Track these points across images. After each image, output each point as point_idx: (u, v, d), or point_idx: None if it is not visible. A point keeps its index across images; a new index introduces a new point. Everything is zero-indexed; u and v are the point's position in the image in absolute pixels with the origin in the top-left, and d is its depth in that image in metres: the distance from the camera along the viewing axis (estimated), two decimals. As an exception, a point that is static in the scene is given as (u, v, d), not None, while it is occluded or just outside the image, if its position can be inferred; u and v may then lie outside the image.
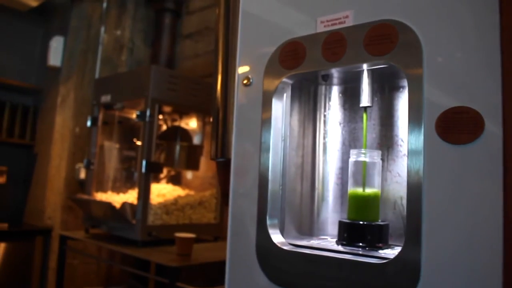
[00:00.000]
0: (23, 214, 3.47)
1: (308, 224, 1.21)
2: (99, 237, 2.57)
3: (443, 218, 0.83)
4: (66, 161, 3.10)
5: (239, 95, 1.17)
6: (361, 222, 1.04)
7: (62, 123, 3.16)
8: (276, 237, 1.06)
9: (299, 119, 1.20)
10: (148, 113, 2.32)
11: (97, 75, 3.10)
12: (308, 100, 1.23)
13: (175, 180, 2.79)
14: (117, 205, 2.35)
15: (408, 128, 0.89)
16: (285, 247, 1.03)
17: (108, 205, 2.37)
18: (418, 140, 0.87)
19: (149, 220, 2.34)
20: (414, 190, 0.87)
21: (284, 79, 1.08)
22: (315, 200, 1.22)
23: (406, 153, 1.11)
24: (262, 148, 1.09)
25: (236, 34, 1.21)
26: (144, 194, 2.32)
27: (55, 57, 3.23)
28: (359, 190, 1.08)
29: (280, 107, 1.11)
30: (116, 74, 2.84)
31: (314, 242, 1.10)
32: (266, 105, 1.09)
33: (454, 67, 0.85)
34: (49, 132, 3.19)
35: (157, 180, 2.70)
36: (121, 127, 2.77)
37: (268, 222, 1.06)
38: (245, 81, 1.14)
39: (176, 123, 2.68)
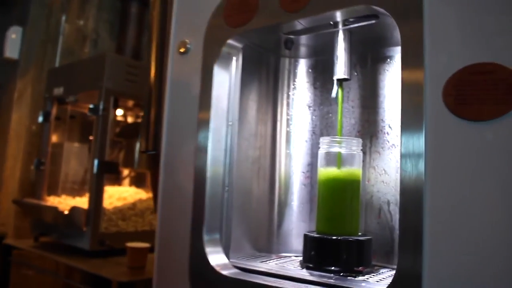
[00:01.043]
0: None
1: (266, 237, 0.89)
2: (48, 246, 2.22)
3: (454, 229, 0.52)
4: (21, 161, 2.74)
5: (173, 67, 0.84)
6: (334, 237, 0.73)
7: (18, 120, 2.80)
8: (216, 258, 0.73)
9: (255, 99, 0.88)
10: (101, 106, 1.98)
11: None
12: (267, 76, 0.91)
13: (139, 182, 2.45)
14: (65, 209, 2.01)
15: (402, 101, 0.57)
16: (226, 272, 0.71)
17: (55, 210, 2.02)
18: (417, 117, 0.56)
19: (102, 227, 2.00)
20: (411, 191, 0.55)
21: (230, 41, 0.76)
22: (275, 205, 0.90)
23: (395, 144, 0.80)
24: (200, 136, 0.77)
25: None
26: (96, 198, 1.98)
27: (12, 48, 2.87)
28: (331, 193, 0.76)
29: (225, 81, 0.79)
30: (69, 63, 2.50)
31: (271, 264, 0.78)
32: (206, 78, 0.77)
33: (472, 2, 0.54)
34: (4, 130, 2.83)
35: (119, 182, 2.36)
36: (78, 123, 2.42)
37: (205, 237, 0.74)
38: (181, 49, 0.82)
39: (137, 119, 2.35)
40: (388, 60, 0.84)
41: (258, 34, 0.76)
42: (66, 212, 1.98)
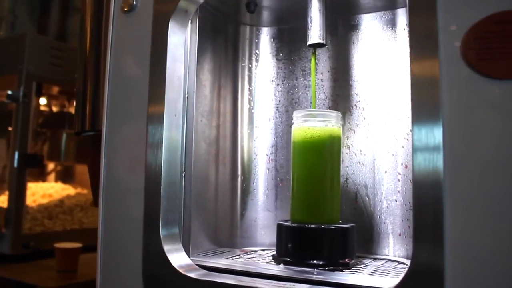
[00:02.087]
0: None
1: (227, 230, 0.76)
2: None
3: (480, 220, 0.43)
4: None
5: (115, 28, 0.69)
6: (315, 226, 0.62)
7: None
8: (177, 257, 0.60)
9: (212, 71, 0.74)
10: (22, 92, 1.74)
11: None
12: (225, 46, 0.78)
13: (66, 177, 2.22)
14: (-19, 209, 1.76)
15: (410, 56, 0.47)
16: (193, 274, 0.57)
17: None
18: (431, 77, 0.46)
19: (25, 227, 1.77)
20: (426, 176, 0.45)
21: (188, -5, 0.62)
22: (237, 193, 0.78)
23: (372, 120, 0.71)
24: (151, 110, 0.62)
25: None
26: (18, 195, 1.74)
27: None
28: (309, 173, 0.65)
29: (181, 44, 0.65)
30: (-17, 45, 2.21)
31: (240, 261, 0.66)
32: (159, 39, 0.63)
33: None
34: None
35: (43, 177, 2.11)
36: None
37: (162, 232, 0.60)
38: (125, 7, 0.67)
39: (65, 109, 2.11)
40: (360, 27, 0.75)
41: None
42: (-19, 212, 1.73)
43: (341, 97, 0.75)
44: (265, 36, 0.81)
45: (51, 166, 2.13)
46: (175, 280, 0.56)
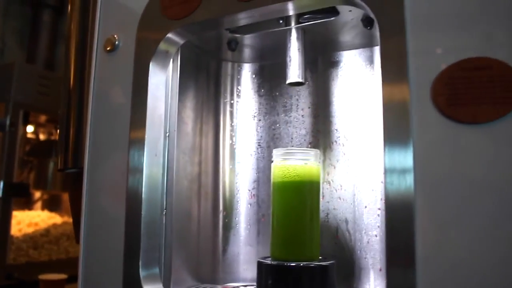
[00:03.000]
0: None
1: (209, 265, 0.76)
2: None
3: (449, 246, 0.43)
4: None
5: (98, 68, 0.70)
6: (293, 264, 0.62)
7: None
8: (155, 297, 0.60)
9: (194, 108, 0.75)
10: (8, 121, 1.74)
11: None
12: (207, 82, 0.79)
13: (53, 205, 2.20)
14: (-36, 240, 1.73)
15: (383, 100, 0.48)
16: (169, 316, 0.57)
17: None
18: (402, 121, 0.47)
19: (9, 258, 1.74)
20: (399, 211, 0.46)
21: (170, 35, 0.63)
22: (219, 228, 0.78)
23: (352, 156, 0.72)
24: (132, 149, 0.63)
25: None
26: (2, 224, 1.72)
27: None
28: (289, 211, 0.66)
29: (161, 83, 0.66)
30: (-30, 74, 2.21)
31: (220, 299, 0.66)
32: (140, 80, 0.64)
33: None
34: None
35: (29, 206, 2.09)
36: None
37: (141, 273, 0.60)
38: (108, 46, 0.68)
39: (52, 137, 2.11)
40: (340, 64, 0.76)
41: (204, 29, 0.64)
42: (-36, 243, 1.70)
43: (321, 133, 0.76)
44: (247, 72, 0.83)
45: (37, 194, 2.12)
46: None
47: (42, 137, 2.11)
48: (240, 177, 0.80)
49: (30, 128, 1.98)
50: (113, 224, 0.62)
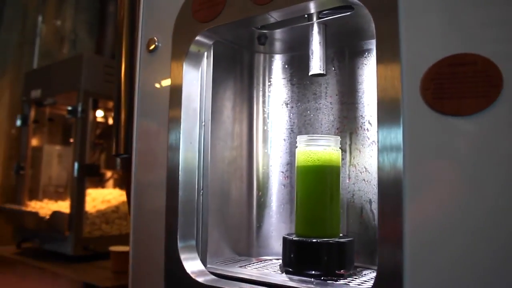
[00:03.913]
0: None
1: (245, 241, 0.85)
2: (31, 252, 2.16)
3: (434, 227, 0.49)
4: (1, 166, 2.67)
5: (142, 66, 0.80)
6: (313, 240, 0.69)
7: (-4, 123, 2.74)
8: (191, 265, 0.70)
9: (230, 97, 0.84)
10: (80, 108, 1.92)
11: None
12: (241, 73, 0.87)
13: (124, 183, 2.40)
14: (46, 214, 1.95)
15: (378, 96, 0.54)
16: (201, 279, 0.67)
17: (36, 216, 1.96)
18: (394, 113, 0.52)
19: (85, 231, 1.95)
20: (390, 193, 0.52)
21: (199, 38, 0.72)
22: (253, 207, 0.86)
23: (375, 140, 0.77)
24: (171, 138, 0.73)
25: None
26: (78, 201, 1.92)
27: (-13, 51, 2.81)
28: (311, 192, 0.73)
29: (195, 80, 0.75)
30: (47, 65, 2.43)
31: (250, 269, 0.75)
32: (176, 77, 0.73)
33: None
34: (-17, 134, 2.76)
35: (102, 184, 2.30)
36: (58, 125, 2.36)
37: (179, 243, 0.70)
38: (150, 46, 0.78)
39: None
40: (366, 53, 0.81)
41: (229, 30, 0.72)
42: (47, 217, 1.93)
43: (348, 119, 0.82)
44: (278, 63, 0.89)
45: (108, 174, 2.32)
46: (187, 284, 0.66)
47: (110, 121, 2.30)
48: (273, 160, 0.88)
49: (99, 113, 2.17)
50: (156, 202, 0.73)
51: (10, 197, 2.64)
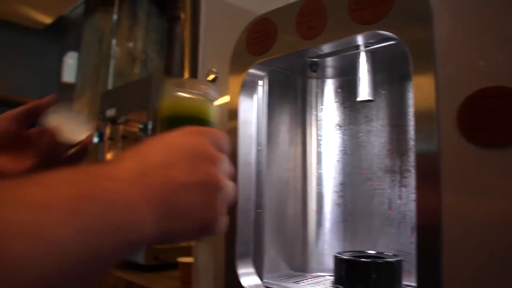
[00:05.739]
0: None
1: (300, 257, 0.91)
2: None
3: (470, 254, 0.52)
4: (80, 180, 2.91)
5: (204, 95, 0.89)
6: (362, 259, 0.74)
7: (77, 140, 2.98)
8: (248, 279, 0.77)
9: (285, 121, 0.91)
10: (150, 126, 2.08)
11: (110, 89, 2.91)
12: (295, 98, 0.94)
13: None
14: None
15: (415, 124, 0.58)
16: (256, 294, 0.74)
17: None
18: (431, 143, 0.56)
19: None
20: (429, 214, 0.56)
21: (252, 70, 0.80)
22: (308, 225, 0.92)
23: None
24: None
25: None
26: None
27: (68, 73, 3.08)
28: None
29: (251, 108, 0.82)
30: (120, 86, 2.63)
31: (303, 285, 0.81)
32: (233, 105, 0.81)
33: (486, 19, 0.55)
34: (65, 150, 3.02)
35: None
36: (130, 141, 2.54)
37: (237, 259, 0.77)
38: (210, 77, 0.87)
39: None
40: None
41: (277, 63, 0.79)
42: (121, 229, 2.09)
43: (398, 141, 0.86)
44: (331, 87, 0.95)
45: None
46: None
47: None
48: (327, 181, 0.93)
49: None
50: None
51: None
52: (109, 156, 2.50)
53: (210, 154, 0.44)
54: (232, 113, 0.80)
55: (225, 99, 0.82)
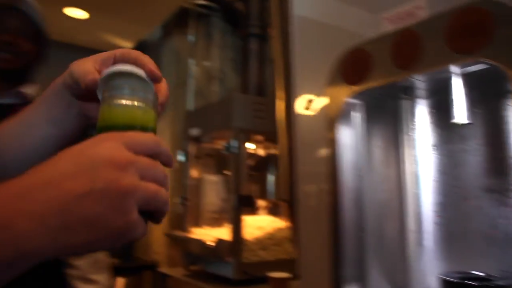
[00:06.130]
0: (134, 249, 3.52)
1: (402, 277, 0.94)
2: (198, 274, 2.46)
3: None
4: (167, 196, 3.08)
5: (299, 123, 0.95)
6: (467, 281, 0.76)
7: (162, 158, 3.16)
8: (355, 302, 0.81)
9: (378, 144, 0.94)
10: (234, 144, 2.17)
11: (190, 108, 3.06)
12: (388, 120, 0.97)
13: (274, 210, 2.60)
14: (211, 241, 2.22)
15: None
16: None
17: (201, 243, 2.24)
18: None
19: (244, 257, 2.17)
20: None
21: (349, 99, 0.84)
22: (408, 245, 0.95)
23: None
24: (329, 188, 0.85)
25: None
26: (237, 230, 2.16)
27: (154, 95, 3.27)
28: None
29: (348, 134, 0.87)
30: (203, 106, 2.75)
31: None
32: (330, 134, 0.86)
33: None
34: (150, 168, 3.20)
35: (254, 211, 2.53)
36: (213, 159, 2.66)
37: (343, 281, 0.82)
38: (304, 106, 0.92)
39: (269, 151, 2.51)
40: (509, 95, 0.85)
41: (371, 93, 0.83)
42: (212, 245, 2.19)
43: (495, 159, 0.86)
44: (424, 107, 0.97)
45: (261, 203, 2.54)
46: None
47: (260, 154, 2.53)
48: (425, 200, 0.95)
49: (250, 147, 2.40)
50: (322, 244, 0.86)
51: (175, 224, 3.03)
52: (194, 173, 2.63)
53: (116, 160, 0.43)
54: (330, 141, 0.85)
55: (322, 126, 0.87)
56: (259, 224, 2.38)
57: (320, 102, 0.88)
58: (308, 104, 0.90)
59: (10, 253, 0.39)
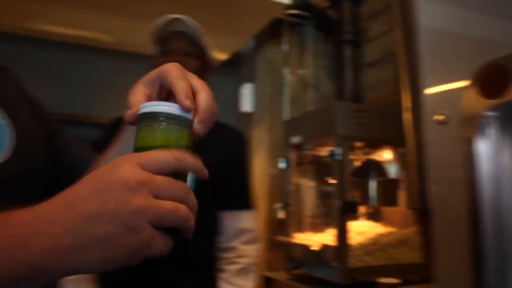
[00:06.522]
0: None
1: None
2: (301, 278, 2.55)
3: None
4: (265, 201, 3.20)
5: (430, 134, 1.00)
6: None
7: (259, 165, 3.29)
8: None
9: (509, 155, 0.97)
10: (338, 151, 2.23)
11: (286, 116, 3.16)
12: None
13: (374, 216, 2.63)
14: (315, 246, 2.30)
15: None
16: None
17: (305, 247, 2.33)
18: None
19: (349, 262, 2.23)
20: None
21: (487, 112, 0.88)
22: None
23: None
24: (474, 198, 0.90)
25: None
26: (342, 235, 2.21)
27: (246, 103, 3.42)
28: None
29: (484, 147, 0.91)
30: (303, 114, 2.83)
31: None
32: (467, 149, 0.91)
33: None
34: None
35: (355, 216, 2.57)
36: (314, 165, 2.74)
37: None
38: (437, 118, 0.98)
39: (369, 157, 2.54)
40: None
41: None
42: (316, 249, 2.27)
43: None
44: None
45: (362, 209, 2.58)
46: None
47: (361, 159, 2.57)
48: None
49: (352, 154, 2.46)
50: (460, 253, 0.90)
51: (275, 229, 3.14)
52: (295, 180, 2.73)
53: (129, 181, 0.45)
54: (468, 157, 0.90)
55: (453, 136, 0.92)
56: (360, 229, 2.43)
57: (453, 111, 0.93)
58: (439, 116, 0.95)
59: (25, 269, 0.42)
